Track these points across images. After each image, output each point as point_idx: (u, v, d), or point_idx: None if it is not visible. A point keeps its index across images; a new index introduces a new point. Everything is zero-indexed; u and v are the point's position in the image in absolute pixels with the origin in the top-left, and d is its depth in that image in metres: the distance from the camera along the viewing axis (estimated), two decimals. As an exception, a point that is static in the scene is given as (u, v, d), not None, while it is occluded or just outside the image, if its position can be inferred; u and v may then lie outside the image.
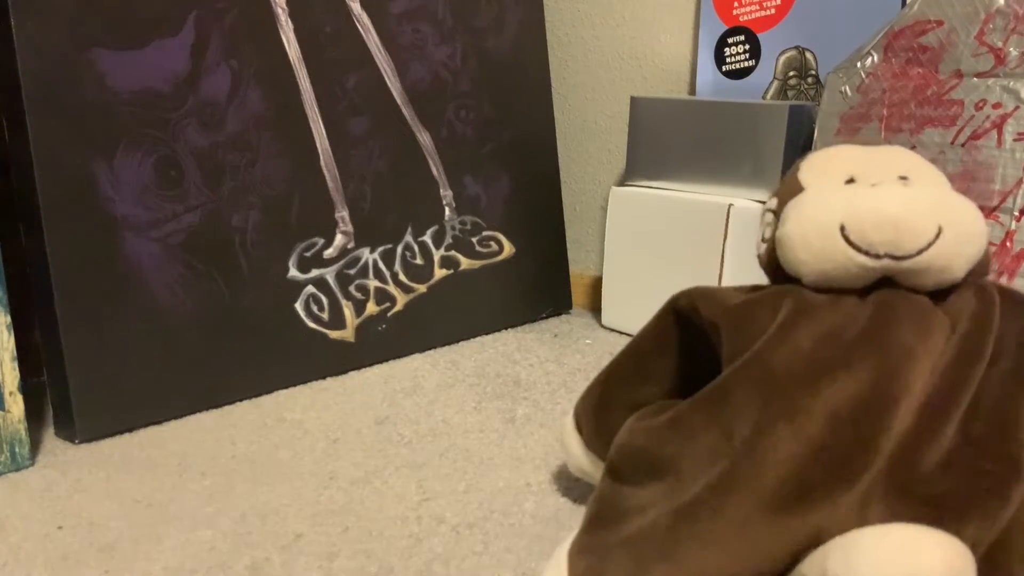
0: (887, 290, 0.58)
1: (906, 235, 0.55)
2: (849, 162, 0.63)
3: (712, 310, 0.63)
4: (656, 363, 0.70)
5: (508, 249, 1.30)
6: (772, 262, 0.63)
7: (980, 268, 0.60)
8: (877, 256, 0.56)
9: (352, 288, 1.14)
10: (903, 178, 0.61)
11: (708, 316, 0.64)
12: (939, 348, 0.56)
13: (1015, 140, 0.89)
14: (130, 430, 0.95)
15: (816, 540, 0.52)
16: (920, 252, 0.56)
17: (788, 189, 0.64)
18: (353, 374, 1.12)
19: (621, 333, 1.29)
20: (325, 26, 1.11)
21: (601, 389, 0.74)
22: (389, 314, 1.17)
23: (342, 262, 1.13)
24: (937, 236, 0.56)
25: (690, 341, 0.68)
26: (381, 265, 1.17)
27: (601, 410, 0.73)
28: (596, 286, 1.42)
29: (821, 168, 0.64)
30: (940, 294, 0.59)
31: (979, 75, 0.92)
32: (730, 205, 1.12)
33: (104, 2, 0.93)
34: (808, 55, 1.18)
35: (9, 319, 0.86)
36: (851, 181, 0.61)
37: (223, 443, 0.92)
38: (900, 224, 0.55)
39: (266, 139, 1.06)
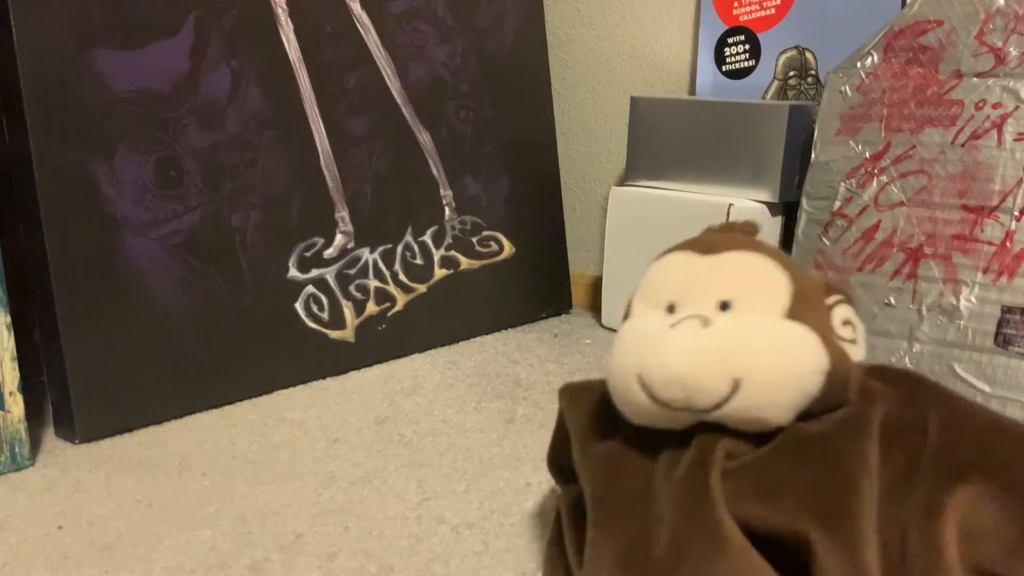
0: (705, 436, 0.55)
1: (696, 393, 0.53)
2: (673, 284, 0.60)
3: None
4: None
5: (508, 249, 1.30)
6: None
7: (831, 396, 0.55)
8: (676, 409, 0.54)
9: (352, 288, 1.14)
10: (724, 304, 0.57)
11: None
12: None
13: (1015, 140, 0.89)
14: (130, 430, 0.95)
15: None
16: (718, 407, 0.53)
17: (626, 309, 0.63)
18: (353, 374, 1.12)
19: (621, 333, 1.29)
20: (325, 26, 1.11)
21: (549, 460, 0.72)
22: (389, 314, 1.17)
23: (342, 262, 1.13)
24: (733, 390, 0.53)
25: None
26: (381, 265, 1.17)
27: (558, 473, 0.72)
28: (596, 286, 1.42)
29: (649, 291, 0.61)
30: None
31: (979, 75, 0.92)
32: (730, 205, 1.12)
33: (104, 2, 0.93)
34: (808, 55, 1.18)
35: (9, 319, 0.86)
36: (672, 308, 0.59)
37: (223, 443, 0.92)
38: (687, 383, 0.53)
39: (266, 139, 1.06)
